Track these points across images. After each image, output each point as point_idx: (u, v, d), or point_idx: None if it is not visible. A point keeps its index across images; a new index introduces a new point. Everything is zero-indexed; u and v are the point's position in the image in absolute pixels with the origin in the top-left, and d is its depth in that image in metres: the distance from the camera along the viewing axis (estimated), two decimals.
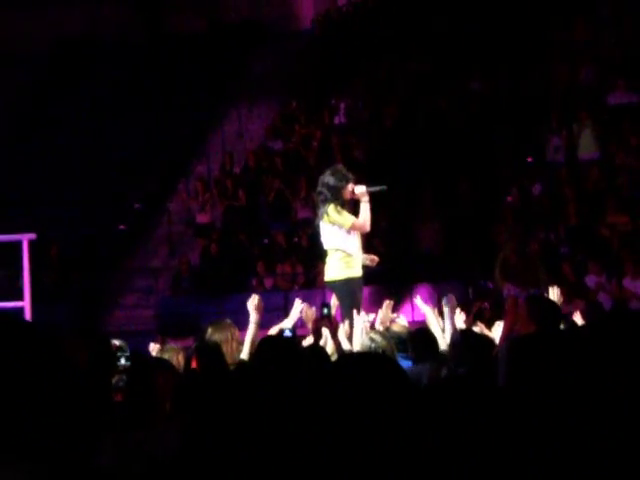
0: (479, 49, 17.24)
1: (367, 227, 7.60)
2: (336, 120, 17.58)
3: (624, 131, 14.57)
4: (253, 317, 6.21)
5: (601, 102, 15.30)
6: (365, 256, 7.70)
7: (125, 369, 4.13)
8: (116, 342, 5.27)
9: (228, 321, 6.11)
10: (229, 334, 5.89)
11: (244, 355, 5.75)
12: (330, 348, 6.32)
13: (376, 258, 7.82)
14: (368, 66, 18.24)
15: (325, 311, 6.54)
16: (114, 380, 3.92)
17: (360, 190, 7.54)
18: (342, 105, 17.56)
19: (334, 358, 6.08)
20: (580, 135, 14.78)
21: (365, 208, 7.52)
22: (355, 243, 7.52)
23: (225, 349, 5.53)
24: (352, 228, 7.45)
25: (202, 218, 16.77)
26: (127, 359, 4.17)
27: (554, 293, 6.73)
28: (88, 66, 20.67)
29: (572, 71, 16.04)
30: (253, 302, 6.29)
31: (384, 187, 7.99)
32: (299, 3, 21.60)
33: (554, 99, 15.65)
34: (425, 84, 17.33)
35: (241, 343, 6.03)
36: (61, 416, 1.61)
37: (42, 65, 21.03)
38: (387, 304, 7.04)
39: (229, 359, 5.50)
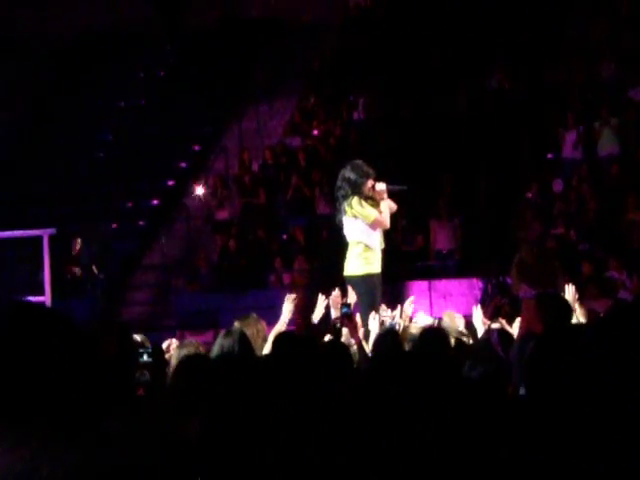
0: (497, 45, 17.18)
1: (388, 223, 7.59)
2: (355, 116, 17.56)
3: None
4: (285, 316, 6.22)
5: (621, 97, 15.20)
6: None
7: (146, 365, 4.14)
8: (137, 337, 5.30)
9: (254, 316, 6.09)
10: (255, 330, 5.89)
11: (267, 351, 5.75)
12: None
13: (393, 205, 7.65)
14: (387, 62, 18.21)
15: (345, 310, 6.54)
16: (136, 375, 3.93)
17: (381, 187, 7.53)
18: (361, 101, 17.53)
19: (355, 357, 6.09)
20: (600, 131, 14.70)
21: (385, 205, 7.52)
22: (377, 238, 7.52)
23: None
24: (374, 222, 7.45)
25: (220, 214, 16.79)
26: (149, 355, 4.18)
27: (569, 291, 6.71)
28: (107, 61, 20.74)
29: (591, 67, 15.95)
30: (290, 301, 6.34)
31: (405, 187, 7.99)
32: None
33: (573, 95, 15.57)
34: (443, 81, 17.29)
35: (265, 339, 6.02)
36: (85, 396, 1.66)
37: (62, 60, 21.12)
38: (411, 300, 7.07)
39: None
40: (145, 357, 4.03)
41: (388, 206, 7.54)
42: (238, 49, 20.62)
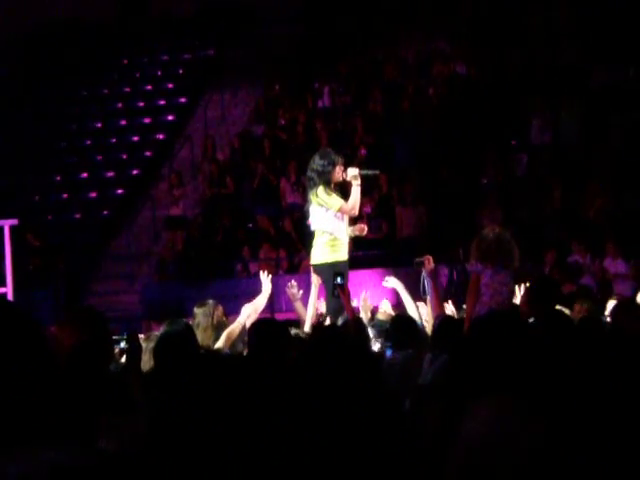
0: (462, 32, 17.23)
1: (356, 211, 7.51)
2: (320, 104, 17.52)
3: (607, 112, 14.58)
4: (243, 316, 6.12)
5: (584, 83, 15.30)
6: (353, 227, 7.61)
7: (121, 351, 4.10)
8: None
9: (211, 302, 6.02)
10: (209, 319, 5.84)
11: (220, 344, 5.68)
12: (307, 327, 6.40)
13: (365, 227, 7.74)
14: (352, 50, 18.19)
15: (339, 279, 6.49)
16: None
17: (352, 173, 7.44)
18: (326, 89, 17.49)
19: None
20: (563, 117, 14.79)
21: (356, 191, 7.43)
22: (343, 227, 7.48)
23: (205, 333, 5.54)
24: (340, 211, 7.37)
25: (174, 211, 16.50)
26: (125, 342, 4.15)
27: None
28: (71, 50, 20.52)
29: (553, 52, 16.03)
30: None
31: (377, 171, 7.93)
32: None
33: (536, 81, 15.65)
34: (409, 68, 17.30)
35: (222, 325, 5.94)
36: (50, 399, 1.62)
37: (24, 49, 20.85)
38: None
39: (206, 341, 5.48)
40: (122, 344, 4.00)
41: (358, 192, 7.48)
42: (204, 37, 20.49)
